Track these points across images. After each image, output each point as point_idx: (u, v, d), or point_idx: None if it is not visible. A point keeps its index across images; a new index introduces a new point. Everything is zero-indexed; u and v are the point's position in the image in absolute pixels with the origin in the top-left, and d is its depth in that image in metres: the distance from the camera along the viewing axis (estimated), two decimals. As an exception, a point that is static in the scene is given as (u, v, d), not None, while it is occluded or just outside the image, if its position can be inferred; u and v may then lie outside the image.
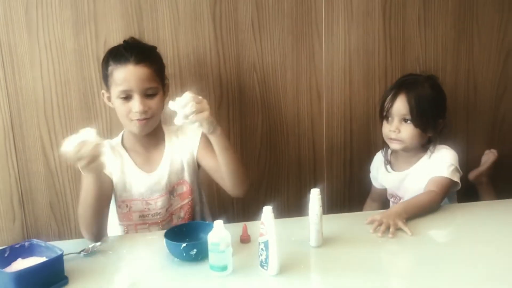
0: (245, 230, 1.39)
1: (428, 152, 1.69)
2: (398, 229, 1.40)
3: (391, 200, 1.81)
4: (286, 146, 1.96)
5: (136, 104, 1.46)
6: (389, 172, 1.78)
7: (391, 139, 1.69)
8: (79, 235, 1.82)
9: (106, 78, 1.53)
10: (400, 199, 1.74)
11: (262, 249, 1.20)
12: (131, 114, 1.48)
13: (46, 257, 1.21)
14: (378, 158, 1.84)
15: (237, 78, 1.87)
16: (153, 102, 1.50)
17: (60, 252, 1.19)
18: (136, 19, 1.76)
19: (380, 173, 1.82)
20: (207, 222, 1.44)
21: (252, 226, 1.39)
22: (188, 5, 1.78)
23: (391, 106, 1.67)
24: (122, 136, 1.61)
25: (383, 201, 1.87)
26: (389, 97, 1.68)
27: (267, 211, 1.20)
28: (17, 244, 1.24)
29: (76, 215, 1.82)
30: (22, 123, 1.77)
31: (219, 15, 1.80)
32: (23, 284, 1.11)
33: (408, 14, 1.90)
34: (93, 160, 1.24)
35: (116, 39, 1.74)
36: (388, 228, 1.39)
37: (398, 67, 1.93)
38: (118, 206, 1.54)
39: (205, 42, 1.82)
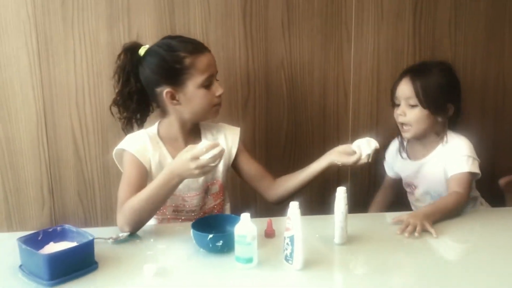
0: (270, 225, 1.41)
1: (443, 140, 1.67)
2: (424, 230, 1.40)
3: (407, 190, 1.80)
4: (311, 144, 1.97)
5: (218, 87, 1.50)
6: (404, 159, 1.76)
7: (401, 124, 1.68)
8: (104, 223, 1.89)
9: (176, 72, 1.46)
10: (415, 188, 1.74)
11: (287, 243, 1.22)
12: (214, 99, 1.50)
13: (77, 242, 1.25)
14: (394, 146, 1.83)
15: (265, 75, 1.89)
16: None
17: (91, 238, 1.22)
18: (168, 14, 1.80)
19: (397, 161, 1.80)
20: (233, 215, 1.45)
21: (276, 222, 1.40)
22: (220, 1, 1.81)
23: (396, 89, 1.67)
24: (158, 128, 1.57)
25: (396, 191, 1.88)
26: (396, 82, 1.69)
27: (294, 206, 1.21)
28: (50, 228, 1.28)
29: (103, 204, 1.89)
30: (54, 112, 1.82)
31: (250, 12, 1.82)
32: (56, 266, 1.14)
33: (439, 15, 1.89)
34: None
35: (148, 34, 1.78)
36: (415, 229, 1.40)
37: (427, 69, 1.93)
38: None
39: (235, 39, 1.84)
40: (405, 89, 1.64)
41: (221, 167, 1.59)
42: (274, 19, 1.84)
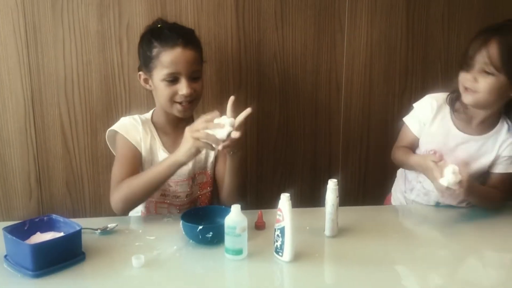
0: (260, 217, 1.40)
1: (504, 122, 1.51)
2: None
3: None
4: (302, 137, 1.96)
5: (183, 87, 1.44)
6: (451, 127, 1.55)
7: (466, 88, 1.46)
8: (93, 214, 1.87)
9: (148, 60, 1.48)
10: (440, 160, 1.47)
11: (278, 235, 1.21)
12: (177, 97, 1.46)
13: (64, 233, 1.23)
14: (434, 104, 1.58)
15: (257, 66, 1.87)
16: (198, 85, 1.49)
17: (78, 228, 1.20)
18: (159, 3, 1.77)
19: (436, 124, 1.57)
20: (223, 206, 1.44)
21: (267, 214, 1.40)
22: (212, -10, 1.78)
23: (476, 53, 1.41)
24: (152, 115, 1.60)
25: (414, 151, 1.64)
26: (477, 43, 1.42)
27: (285, 198, 1.21)
28: (37, 218, 1.26)
29: (92, 195, 1.87)
30: (43, 101, 1.79)
31: (242, 3, 1.80)
32: (42, 256, 1.12)
33: (432, 10, 1.89)
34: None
35: (139, 23, 1.75)
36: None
37: (419, 63, 1.93)
38: None
39: (227, 30, 1.82)
40: (490, 53, 1.39)
41: (210, 157, 1.59)
42: (267, 10, 1.83)
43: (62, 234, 1.23)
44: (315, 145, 1.98)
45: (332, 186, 1.33)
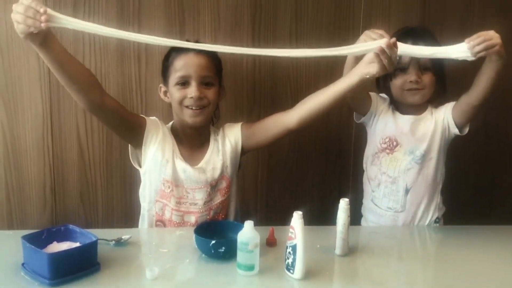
0: (271, 233, 1.42)
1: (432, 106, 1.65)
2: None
3: (383, 147, 1.67)
4: (313, 155, 1.98)
5: (193, 89, 1.49)
6: (394, 113, 1.66)
7: (410, 90, 1.59)
8: (105, 225, 1.90)
9: (165, 70, 1.55)
10: (396, 145, 1.64)
11: (289, 252, 1.23)
12: (186, 100, 1.51)
13: (80, 243, 1.25)
14: (385, 99, 1.70)
15: (271, 86, 1.91)
16: (209, 92, 1.52)
17: (95, 239, 1.22)
18: (178, 20, 1.82)
19: (383, 112, 1.68)
20: (236, 222, 1.46)
21: (278, 231, 1.41)
22: (230, 10, 1.83)
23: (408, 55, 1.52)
24: (171, 126, 1.63)
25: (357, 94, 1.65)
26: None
27: (297, 216, 1.22)
28: (54, 227, 1.29)
29: (104, 206, 1.92)
30: (61, 112, 1.83)
31: (259, 22, 1.85)
32: (59, 266, 1.15)
33: (448, 12, 1.91)
34: (29, 27, 1.18)
35: (158, 39, 1.80)
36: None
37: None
38: (162, 184, 1.55)
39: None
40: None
41: (228, 163, 1.60)
42: (282, 30, 1.87)
43: (78, 244, 1.25)
44: (326, 163, 2.00)
45: (343, 205, 1.35)
